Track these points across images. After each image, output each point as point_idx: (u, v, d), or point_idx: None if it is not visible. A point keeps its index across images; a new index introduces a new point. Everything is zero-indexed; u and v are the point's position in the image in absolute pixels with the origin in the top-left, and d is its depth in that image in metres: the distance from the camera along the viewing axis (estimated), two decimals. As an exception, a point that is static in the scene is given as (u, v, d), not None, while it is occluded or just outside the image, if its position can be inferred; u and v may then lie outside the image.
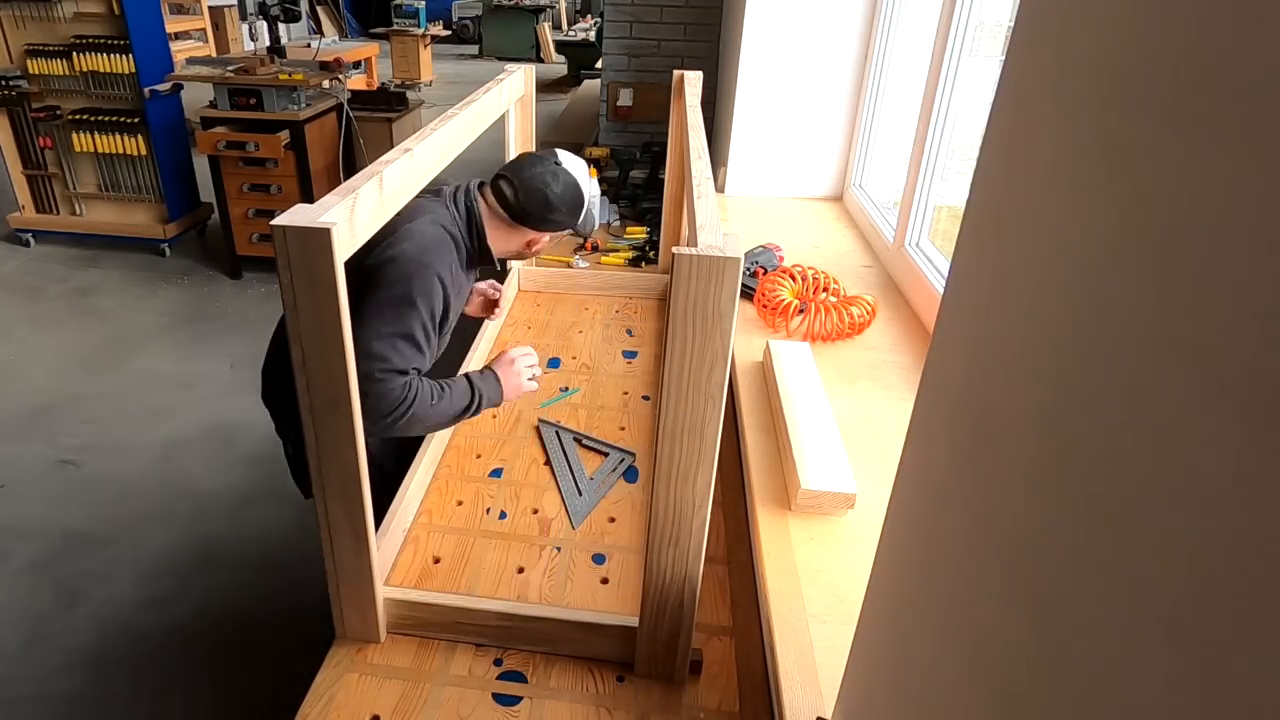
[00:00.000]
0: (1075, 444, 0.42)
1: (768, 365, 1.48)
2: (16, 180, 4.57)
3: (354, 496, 0.95)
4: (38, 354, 3.62)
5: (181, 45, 8.01)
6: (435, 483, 1.41)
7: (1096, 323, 0.40)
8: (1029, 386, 0.47)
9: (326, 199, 0.85)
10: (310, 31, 11.11)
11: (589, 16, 12.49)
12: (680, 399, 0.83)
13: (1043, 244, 0.47)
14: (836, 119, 2.54)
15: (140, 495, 2.74)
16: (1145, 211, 0.37)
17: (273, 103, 4.02)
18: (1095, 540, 0.39)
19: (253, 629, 2.23)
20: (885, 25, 2.33)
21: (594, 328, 2.00)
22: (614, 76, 3.52)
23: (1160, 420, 0.35)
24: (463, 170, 1.48)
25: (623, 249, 2.69)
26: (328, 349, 0.86)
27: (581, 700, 1.02)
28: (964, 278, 0.59)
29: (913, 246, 1.88)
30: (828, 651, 0.93)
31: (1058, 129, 0.46)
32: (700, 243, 0.78)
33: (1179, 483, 0.33)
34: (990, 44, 1.84)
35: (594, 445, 1.53)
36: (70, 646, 2.15)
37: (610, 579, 1.22)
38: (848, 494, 1.12)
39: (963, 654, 0.54)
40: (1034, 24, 0.50)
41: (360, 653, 1.07)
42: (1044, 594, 0.43)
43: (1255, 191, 0.30)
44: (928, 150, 1.82)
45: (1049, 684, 0.42)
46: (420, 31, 9.83)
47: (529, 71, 1.91)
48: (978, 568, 0.52)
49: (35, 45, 4.21)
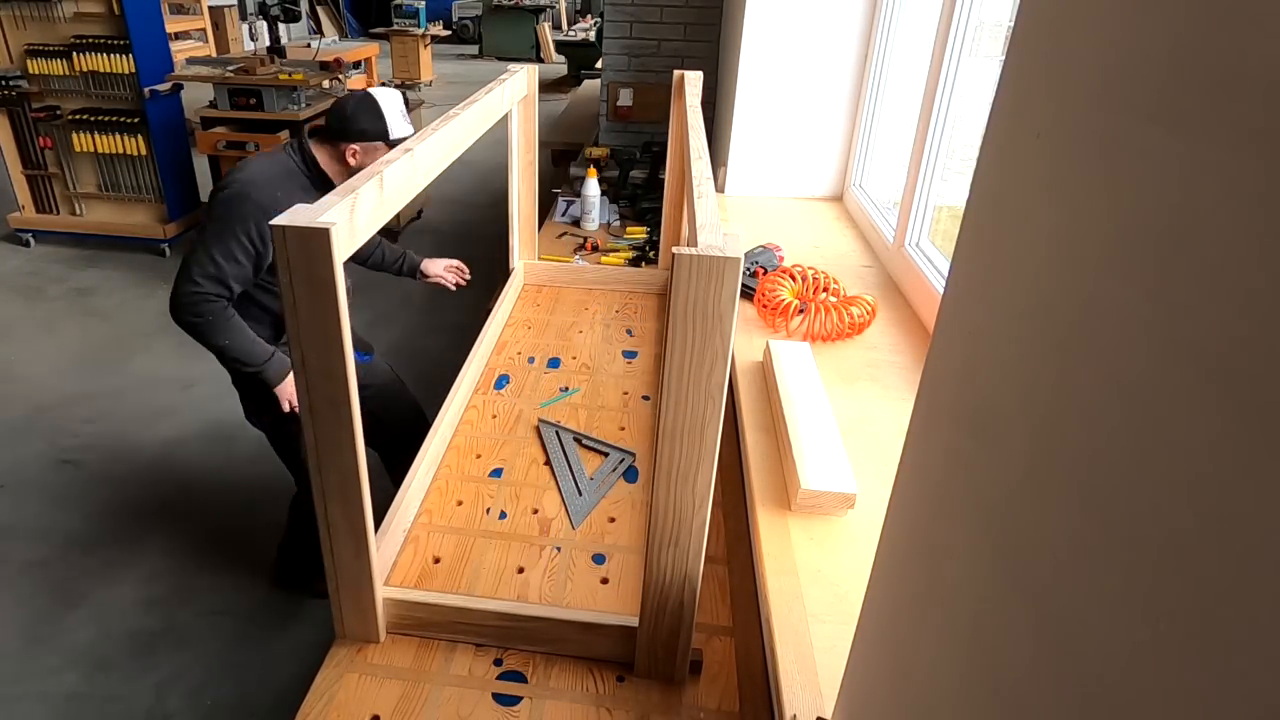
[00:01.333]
0: (1075, 443, 0.42)
1: (768, 365, 1.48)
2: (16, 180, 4.57)
3: (354, 496, 0.95)
4: (38, 354, 3.62)
5: (181, 45, 8.01)
6: (435, 483, 1.41)
7: (1095, 322, 0.41)
8: (1028, 386, 0.47)
9: (326, 199, 0.85)
10: (310, 31, 11.12)
11: (589, 16, 12.49)
12: (680, 399, 0.83)
13: (1042, 244, 0.47)
14: (836, 119, 2.54)
15: (140, 495, 2.74)
16: (1144, 211, 0.37)
17: (273, 103, 4.02)
18: (1094, 539, 0.39)
19: (253, 629, 2.23)
20: (885, 25, 2.33)
21: (594, 328, 2.00)
22: (614, 76, 3.52)
23: (1159, 420, 0.35)
24: (464, 170, 1.48)
25: (623, 249, 2.70)
26: (328, 349, 0.86)
27: (581, 700, 1.02)
28: (964, 278, 0.59)
29: (913, 246, 1.88)
30: (828, 651, 0.93)
31: (1057, 129, 0.46)
32: (700, 243, 0.78)
33: (1177, 482, 0.33)
34: (990, 44, 1.84)
35: (594, 445, 1.53)
36: (70, 646, 2.15)
37: (610, 579, 1.21)
38: (848, 494, 1.12)
39: (962, 653, 0.54)
40: (1034, 24, 0.50)
41: (360, 653, 1.07)
42: (1043, 592, 0.43)
43: (1253, 192, 0.30)
44: (928, 150, 1.82)
45: (1049, 683, 0.42)
46: (420, 31, 9.84)
47: (531, 72, 1.91)
48: (977, 567, 0.52)
49: (35, 45, 4.21)
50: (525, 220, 2.12)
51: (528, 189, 2.06)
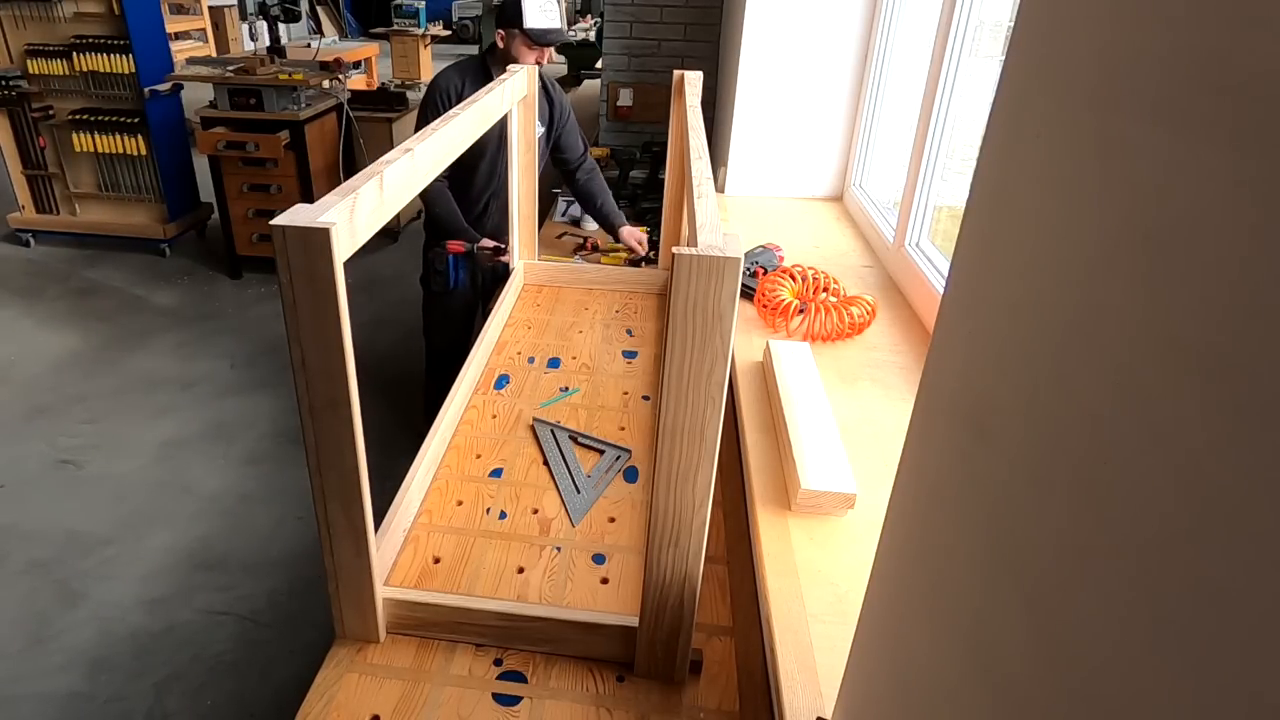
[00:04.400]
0: (1075, 443, 0.42)
1: (768, 365, 1.48)
2: (16, 180, 4.57)
3: (354, 496, 0.95)
4: (38, 354, 3.62)
5: (181, 45, 8.01)
6: (435, 483, 1.41)
7: (1095, 322, 0.41)
8: (1028, 386, 0.47)
9: (326, 199, 0.85)
10: (310, 31, 11.11)
11: (589, 16, 12.47)
12: (680, 399, 0.83)
13: (1042, 244, 0.47)
14: (836, 119, 2.54)
15: (140, 495, 2.74)
16: (1145, 212, 0.37)
17: (273, 103, 4.02)
18: (1094, 538, 0.39)
19: (252, 629, 2.23)
20: (885, 25, 2.33)
21: (594, 328, 2.00)
22: (614, 76, 3.52)
23: (1158, 419, 0.35)
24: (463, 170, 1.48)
25: (623, 249, 2.70)
26: (328, 349, 0.86)
27: (581, 700, 1.02)
28: (964, 278, 0.59)
29: (913, 246, 1.88)
30: (828, 651, 0.93)
31: (1057, 129, 0.46)
32: (700, 243, 0.78)
33: (1177, 481, 0.34)
34: (990, 44, 1.84)
35: (589, 443, 1.53)
36: (70, 646, 2.15)
37: (610, 579, 1.22)
38: (848, 494, 1.12)
39: (963, 652, 0.54)
40: (1034, 24, 0.50)
41: (360, 653, 1.07)
42: (1043, 592, 0.43)
43: (1253, 192, 0.30)
44: (928, 150, 1.82)
45: (1048, 682, 0.42)
46: (420, 31, 9.82)
47: (531, 72, 1.91)
48: (977, 566, 0.52)
49: (35, 45, 4.21)
50: (525, 220, 2.12)
51: (528, 189, 2.06)
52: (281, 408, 3.23)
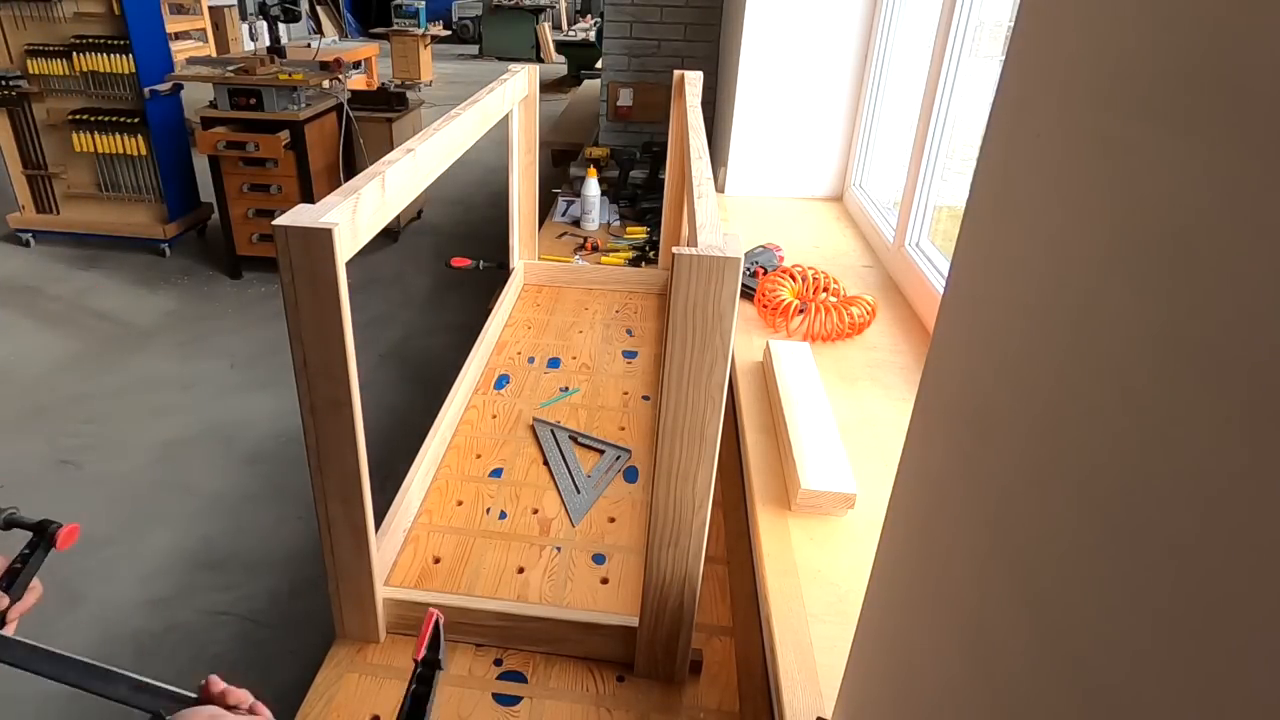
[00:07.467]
0: (1075, 443, 0.42)
1: (768, 365, 1.48)
2: (16, 180, 4.57)
3: (354, 496, 0.95)
4: (38, 354, 3.62)
5: (181, 45, 8.00)
6: (435, 483, 1.41)
7: (1096, 323, 0.41)
8: (1029, 386, 0.47)
9: (329, 199, 0.85)
10: (310, 31, 11.11)
11: (589, 16, 12.49)
12: (680, 399, 0.83)
13: (1042, 244, 0.47)
14: (836, 119, 2.54)
15: (140, 495, 2.74)
16: (1145, 212, 0.37)
17: (273, 103, 4.02)
18: (1094, 538, 0.39)
19: (253, 629, 2.23)
20: (885, 25, 2.33)
21: (594, 328, 2.00)
22: (614, 76, 3.52)
23: (1159, 420, 0.35)
24: (465, 170, 1.49)
25: (623, 249, 2.70)
26: (329, 349, 0.86)
27: (581, 700, 1.02)
28: (964, 278, 0.59)
29: (913, 246, 1.88)
30: (828, 651, 0.93)
31: (1058, 129, 0.46)
32: (700, 243, 0.78)
33: (1177, 481, 0.34)
34: (990, 44, 1.84)
35: (589, 443, 1.53)
36: (71, 647, 2.14)
37: (610, 579, 1.22)
38: (848, 494, 1.12)
39: (963, 652, 0.54)
40: (1034, 24, 0.51)
41: (360, 653, 1.07)
42: (1043, 592, 0.44)
43: (1256, 193, 0.30)
44: (928, 150, 1.82)
45: (1049, 682, 0.42)
46: (420, 31, 9.82)
47: (532, 71, 1.91)
48: (977, 566, 0.52)
49: (35, 45, 4.21)
50: (525, 220, 2.12)
51: (528, 189, 2.06)
52: (281, 408, 3.23)
